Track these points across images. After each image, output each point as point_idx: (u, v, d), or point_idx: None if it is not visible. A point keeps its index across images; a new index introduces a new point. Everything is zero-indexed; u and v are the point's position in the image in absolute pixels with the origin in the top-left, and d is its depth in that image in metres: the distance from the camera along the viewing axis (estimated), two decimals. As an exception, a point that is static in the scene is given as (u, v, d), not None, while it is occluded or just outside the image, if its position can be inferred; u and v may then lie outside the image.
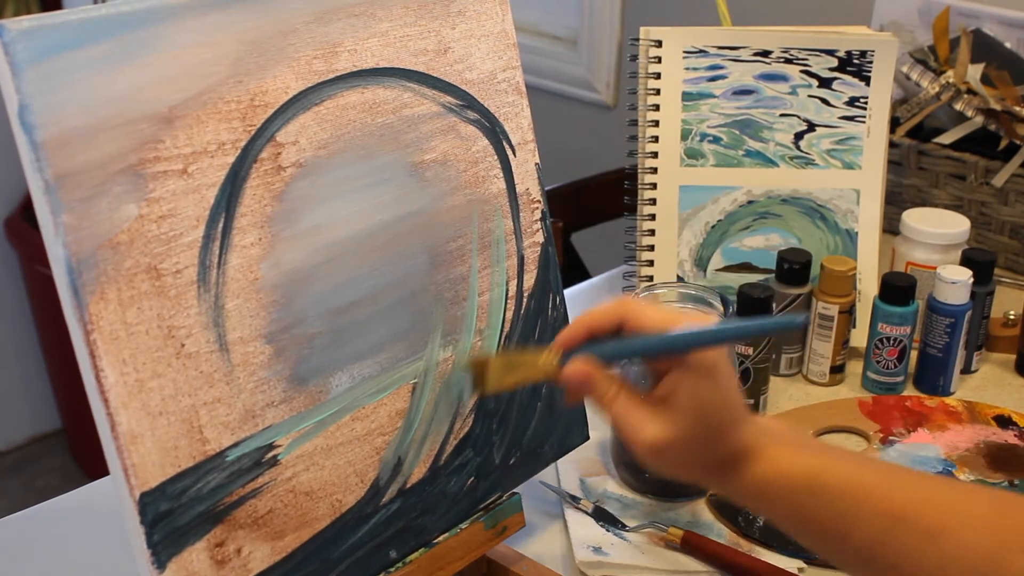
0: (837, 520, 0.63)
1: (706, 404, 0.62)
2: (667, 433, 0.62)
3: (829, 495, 0.63)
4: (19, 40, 0.52)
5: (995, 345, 1.17)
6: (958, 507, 0.63)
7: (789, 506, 0.64)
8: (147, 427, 0.57)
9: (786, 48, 1.13)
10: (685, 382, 0.62)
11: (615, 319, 0.63)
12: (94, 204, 0.55)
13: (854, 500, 0.63)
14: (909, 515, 0.62)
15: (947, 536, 0.61)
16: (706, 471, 0.65)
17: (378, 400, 0.68)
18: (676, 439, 0.62)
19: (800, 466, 0.64)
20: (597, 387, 0.63)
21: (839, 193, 1.14)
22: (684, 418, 0.62)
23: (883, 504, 0.62)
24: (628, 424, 0.63)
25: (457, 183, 0.72)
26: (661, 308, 0.63)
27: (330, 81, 0.65)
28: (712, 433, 0.63)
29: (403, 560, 0.71)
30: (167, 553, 0.58)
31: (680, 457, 0.64)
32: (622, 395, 0.63)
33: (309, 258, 0.64)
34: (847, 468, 0.64)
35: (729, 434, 0.63)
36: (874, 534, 0.62)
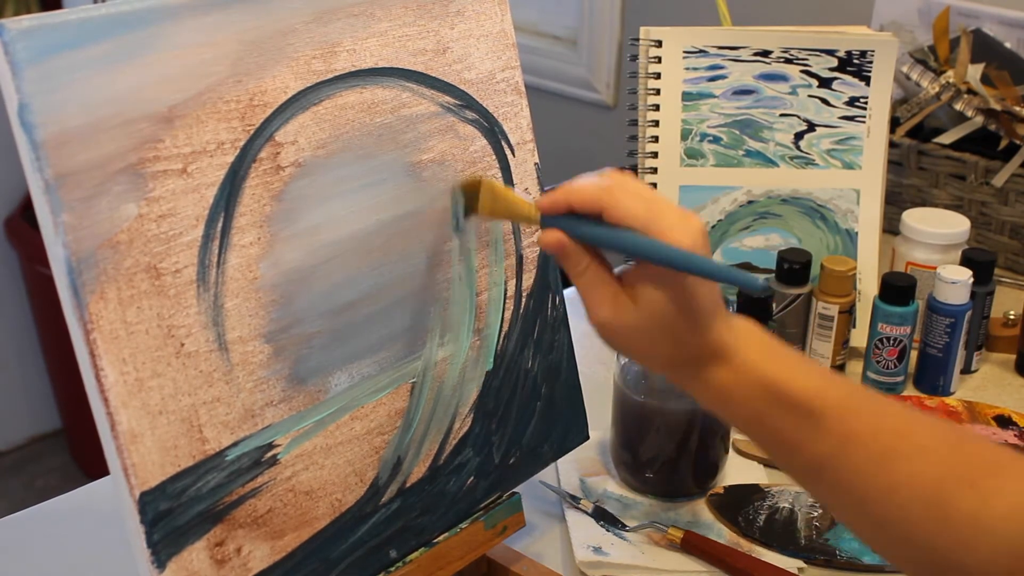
0: (791, 432, 0.63)
1: (663, 308, 0.63)
2: (620, 319, 0.64)
3: (787, 407, 0.63)
4: (19, 40, 0.52)
5: (995, 345, 1.17)
6: (913, 435, 0.63)
7: (747, 412, 0.65)
8: (147, 426, 0.57)
9: (786, 48, 1.13)
10: (647, 280, 0.64)
11: (594, 203, 0.64)
12: (94, 204, 0.55)
13: (810, 415, 0.63)
14: (862, 436, 0.63)
15: (897, 461, 0.62)
16: (664, 364, 0.66)
17: (377, 399, 0.69)
18: (628, 327, 0.65)
19: (765, 371, 0.64)
20: (569, 258, 0.66)
21: (839, 193, 1.14)
22: (639, 313, 0.64)
23: (839, 423, 0.63)
24: (588, 298, 0.66)
25: (456, 183, 0.72)
26: (642, 197, 0.63)
27: (329, 81, 0.65)
28: (670, 332, 0.64)
29: (403, 559, 0.71)
30: (167, 552, 0.58)
31: (633, 344, 0.66)
32: (591, 270, 0.65)
33: (308, 258, 0.64)
34: (810, 382, 0.64)
35: (693, 334, 0.64)
36: (825, 450, 0.63)
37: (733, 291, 1.05)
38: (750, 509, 0.90)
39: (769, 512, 0.90)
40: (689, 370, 0.65)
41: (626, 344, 0.66)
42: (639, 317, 0.64)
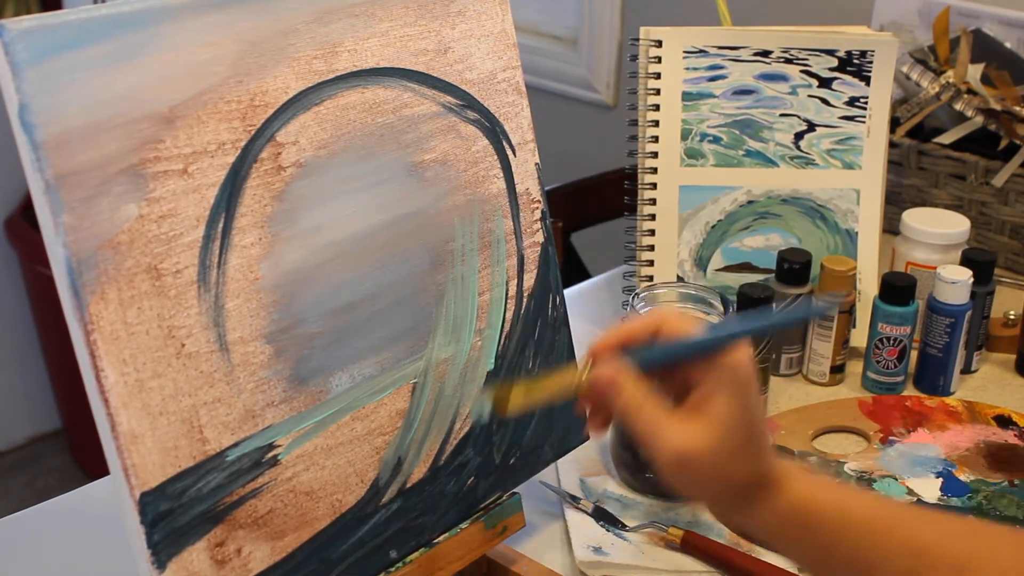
0: (864, 552, 0.61)
1: (742, 414, 0.60)
2: (697, 442, 0.60)
3: (856, 528, 0.61)
4: (19, 40, 0.52)
5: (995, 345, 1.17)
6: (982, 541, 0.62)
7: (815, 537, 0.62)
8: (147, 427, 0.57)
9: (786, 48, 1.13)
10: (721, 391, 0.60)
11: (649, 329, 0.62)
12: (94, 204, 0.55)
13: (882, 532, 0.61)
14: (935, 549, 0.61)
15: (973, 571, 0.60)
16: (730, 492, 0.62)
17: (378, 400, 0.69)
18: (706, 449, 0.60)
19: (826, 498, 0.62)
20: (624, 391, 0.61)
21: (839, 193, 1.14)
22: (718, 427, 0.60)
23: (910, 536, 0.61)
24: (654, 430, 0.60)
25: (457, 183, 0.72)
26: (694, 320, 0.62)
27: (330, 81, 0.65)
28: (744, 448, 0.61)
29: (403, 560, 0.71)
30: (167, 553, 0.58)
31: (706, 470, 0.61)
32: (650, 402, 0.60)
33: (309, 258, 0.64)
34: (870, 502, 0.63)
35: (757, 453, 0.61)
36: (902, 567, 0.60)
37: (733, 291, 1.05)
38: (750, 509, 0.90)
39: (769, 512, 0.90)
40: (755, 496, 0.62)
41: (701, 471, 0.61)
42: (718, 434, 0.60)
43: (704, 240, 1.13)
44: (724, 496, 0.63)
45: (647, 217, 1.13)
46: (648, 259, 1.13)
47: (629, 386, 0.61)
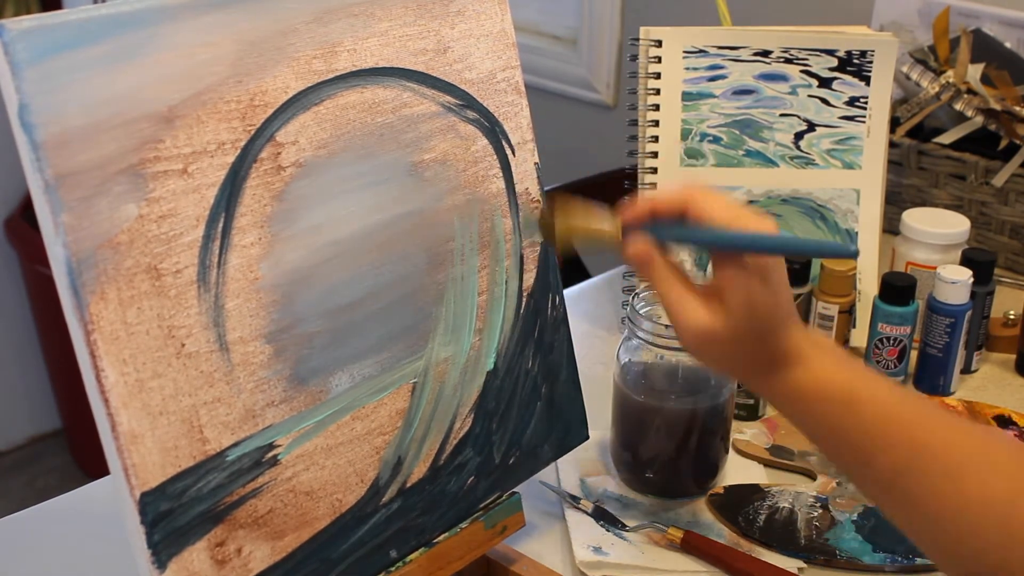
0: (866, 440, 0.64)
1: (756, 304, 0.64)
2: (714, 324, 0.64)
3: (863, 413, 0.64)
4: (19, 40, 0.52)
5: (995, 345, 1.17)
6: (984, 449, 0.63)
7: (823, 417, 0.65)
8: (147, 427, 0.57)
9: (786, 48, 1.13)
10: (738, 280, 0.64)
11: (678, 205, 0.65)
12: (94, 204, 0.55)
13: (886, 422, 0.63)
14: (936, 449, 0.62)
15: (970, 477, 0.61)
16: (747, 369, 0.67)
17: (378, 400, 0.69)
18: (721, 332, 0.65)
19: (841, 379, 0.65)
20: (655, 269, 0.66)
21: (839, 193, 1.14)
22: (732, 314, 0.64)
23: (913, 432, 0.63)
24: (678, 309, 0.66)
25: (457, 183, 0.72)
26: (726, 202, 0.65)
27: (330, 81, 0.65)
28: (758, 333, 0.64)
29: (403, 559, 0.71)
30: (168, 553, 0.58)
31: (723, 351, 0.66)
32: (677, 280, 0.66)
33: (309, 258, 0.64)
34: (885, 392, 0.65)
35: (775, 336, 0.65)
36: (899, 461, 0.63)
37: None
38: (750, 509, 0.90)
39: (769, 512, 0.90)
40: (772, 372, 0.66)
41: (718, 351, 0.66)
42: (733, 320, 0.64)
43: (704, 240, 1.13)
44: (740, 371, 0.68)
45: (647, 217, 1.12)
46: (648, 259, 1.13)
47: (658, 264, 0.66)
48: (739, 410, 1.02)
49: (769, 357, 0.65)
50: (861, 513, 0.90)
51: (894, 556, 0.86)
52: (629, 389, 0.91)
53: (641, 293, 0.92)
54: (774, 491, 0.93)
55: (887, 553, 0.86)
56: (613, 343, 1.15)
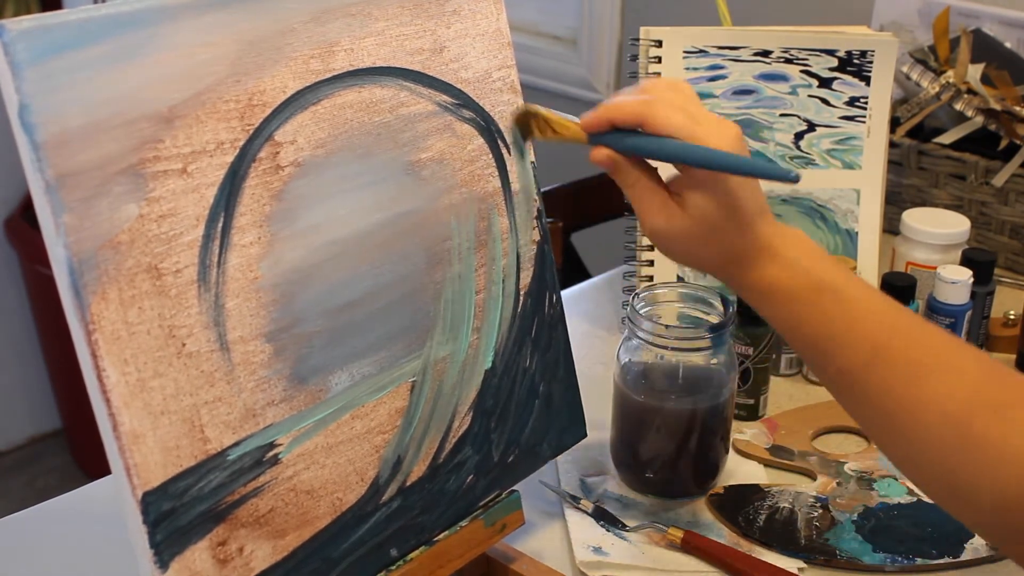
0: (826, 340, 0.65)
1: (709, 211, 0.67)
2: (671, 224, 0.68)
3: (828, 309, 0.65)
4: (19, 40, 0.52)
5: (995, 345, 1.17)
6: (947, 354, 0.64)
7: (789, 311, 0.67)
8: (149, 427, 0.57)
9: (786, 48, 1.13)
10: (692, 186, 0.67)
11: (634, 117, 0.68)
12: (95, 204, 0.55)
13: (850, 319, 0.65)
14: (897, 347, 0.64)
15: (930, 376, 0.62)
16: (713, 264, 0.69)
17: (378, 398, 0.69)
18: (679, 232, 0.68)
19: (808, 273, 0.66)
20: (620, 171, 0.70)
21: (839, 193, 1.14)
22: (687, 217, 0.68)
23: (876, 330, 0.64)
24: (640, 207, 0.70)
25: (453, 181, 0.72)
26: (681, 108, 0.67)
27: (327, 80, 0.65)
28: (716, 234, 0.67)
29: (403, 558, 0.71)
30: (170, 552, 0.58)
31: (684, 248, 0.69)
32: (641, 181, 0.70)
33: (308, 257, 0.64)
34: (853, 289, 0.66)
35: (739, 234, 0.67)
36: (859, 357, 0.64)
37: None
38: (750, 509, 0.90)
39: (769, 512, 0.90)
40: (737, 268, 0.68)
41: (678, 248, 0.69)
42: (688, 222, 0.67)
43: (704, 240, 1.13)
44: (707, 267, 0.70)
45: (647, 217, 1.13)
46: (648, 259, 1.13)
47: (622, 166, 0.70)
48: (739, 410, 1.02)
49: (735, 254, 0.67)
50: (861, 513, 0.90)
51: (894, 556, 0.86)
52: (629, 389, 0.91)
53: (641, 293, 0.92)
54: (774, 491, 0.93)
55: (887, 553, 0.86)
56: (613, 343, 1.15)
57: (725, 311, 0.89)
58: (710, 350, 0.89)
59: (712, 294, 0.92)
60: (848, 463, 0.96)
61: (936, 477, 0.62)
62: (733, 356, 0.91)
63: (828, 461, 0.97)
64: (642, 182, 0.70)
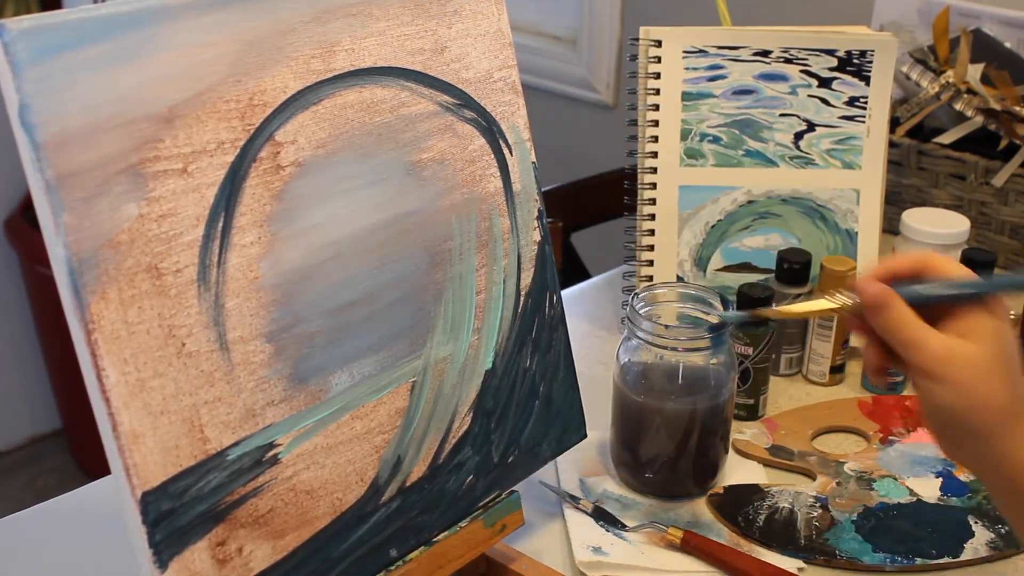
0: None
1: (1002, 344, 0.63)
2: (962, 349, 0.63)
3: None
4: (19, 40, 0.52)
5: (995, 345, 1.17)
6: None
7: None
8: (148, 426, 0.57)
9: (786, 48, 1.13)
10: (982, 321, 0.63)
11: (916, 266, 0.66)
12: (95, 204, 0.55)
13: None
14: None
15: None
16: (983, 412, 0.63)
17: (378, 399, 0.69)
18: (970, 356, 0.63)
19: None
20: (892, 308, 0.65)
21: (839, 193, 1.14)
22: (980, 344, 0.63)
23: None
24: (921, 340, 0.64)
25: (454, 182, 0.72)
26: (960, 265, 0.66)
27: (328, 80, 0.65)
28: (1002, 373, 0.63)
29: (403, 558, 0.71)
30: (169, 552, 0.58)
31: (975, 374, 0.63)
32: (916, 319, 0.65)
33: (308, 257, 0.64)
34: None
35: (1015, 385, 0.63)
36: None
37: (732, 291, 1.05)
38: (750, 509, 0.90)
39: (769, 512, 0.90)
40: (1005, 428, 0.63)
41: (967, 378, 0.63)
42: (981, 349, 0.63)
43: (704, 240, 1.13)
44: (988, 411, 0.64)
45: (647, 217, 1.13)
46: (648, 259, 1.13)
47: (896, 304, 0.65)
48: (739, 410, 1.02)
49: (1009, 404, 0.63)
50: (861, 513, 0.90)
51: (894, 556, 0.86)
52: (629, 389, 0.91)
53: (641, 293, 0.92)
54: (774, 491, 0.93)
55: (887, 553, 0.86)
56: (613, 343, 1.15)
57: (724, 310, 0.89)
58: (710, 350, 0.89)
59: (712, 294, 0.92)
60: (848, 463, 0.96)
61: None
62: (733, 356, 0.91)
63: (828, 461, 0.97)
64: (913, 315, 0.65)
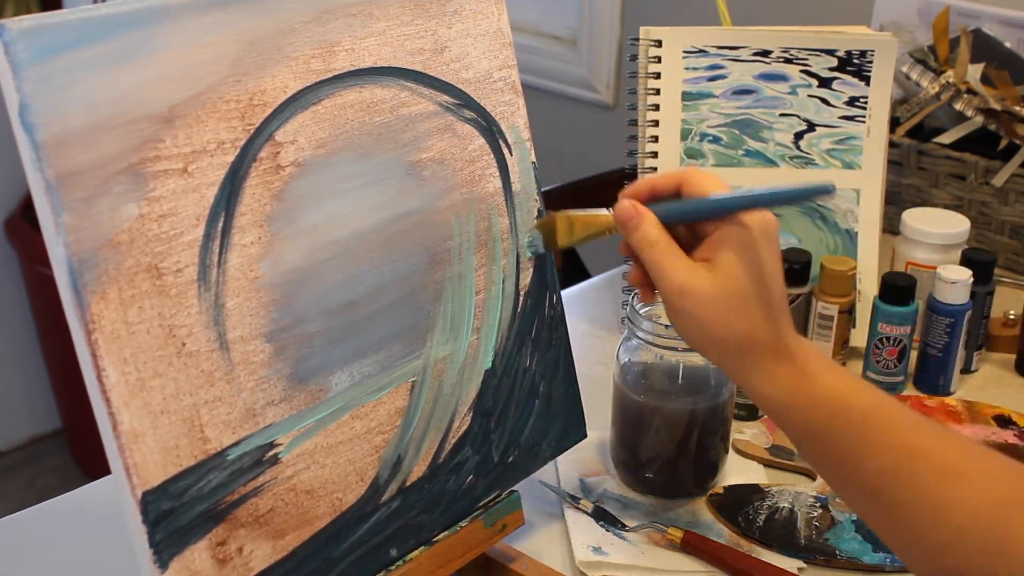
0: (857, 445, 0.62)
1: (750, 269, 0.63)
2: (701, 281, 0.64)
3: (854, 419, 0.63)
4: (19, 40, 0.52)
5: (995, 345, 1.17)
6: (975, 455, 0.62)
7: (809, 422, 0.64)
8: (149, 426, 0.57)
9: (786, 48, 1.13)
10: (730, 244, 0.64)
11: (674, 182, 0.67)
12: (95, 204, 0.55)
13: (878, 428, 0.62)
14: (928, 452, 0.61)
15: (961, 479, 0.60)
16: (729, 344, 0.65)
17: (378, 398, 0.69)
18: (708, 290, 0.63)
19: (830, 385, 0.64)
20: (642, 226, 0.66)
21: (839, 193, 1.14)
22: (717, 279, 0.63)
23: (905, 436, 0.62)
24: (665, 265, 0.65)
25: (454, 182, 0.72)
26: (721, 181, 0.66)
27: (328, 80, 0.65)
28: (748, 303, 0.63)
29: (403, 558, 0.71)
30: (169, 552, 0.58)
31: (706, 312, 0.64)
32: (664, 240, 0.65)
33: (308, 257, 0.64)
34: (874, 397, 0.64)
35: (767, 317, 0.64)
36: (890, 464, 0.62)
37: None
38: (750, 509, 0.90)
39: (769, 512, 0.90)
40: (758, 359, 0.64)
41: (702, 313, 0.64)
42: (717, 283, 0.63)
43: (704, 240, 1.13)
44: (724, 347, 0.65)
45: (647, 217, 1.13)
46: (648, 259, 1.13)
47: (646, 222, 0.66)
48: (739, 410, 1.02)
49: (760, 338, 0.64)
50: (861, 512, 0.90)
51: (894, 556, 0.86)
52: (629, 389, 0.91)
53: (641, 293, 0.92)
54: (774, 491, 0.93)
55: (887, 553, 0.86)
56: (613, 343, 1.15)
57: None
58: (710, 350, 0.89)
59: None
60: (848, 463, 0.96)
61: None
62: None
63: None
64: (665, 239, 0.66)
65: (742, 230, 0.64)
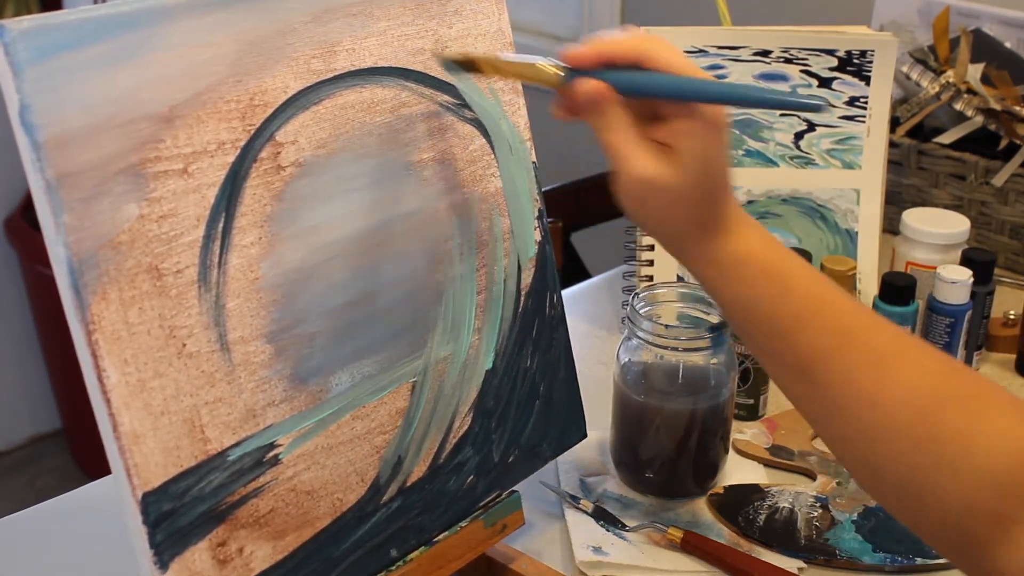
0: (792, 320, 0.62)
1: (711, 160, 0.61)
2: (662, 173, 0.61)
3: (793, 293, 0.62)
4: (19, 40, 0.52)
5: (995, 345, 1.17)
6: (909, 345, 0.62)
7: (751, 290, 0.63)
8: (149, 427, 0.57)
9: (786, 48, 1.13)
10: (693, 132, 0.61)
11: (633, 53, 0.61)
12: (95, 204, 0.55)
13: (815, 305, 0.62)
14: (862, 334, 0.61)
15: (894, 365, 0.60)
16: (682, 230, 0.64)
17: (378, 399, 0.69)
18: (669, 182, 0.61)
19: (773, 257, 0.63)
20: (605, 110, 0.62)
21: (839, 193, 1.14)
22: (685, 166, 0.61)
23: (841, 317, 0.62)
24: (625, 154, 0.62)
25: (455, 182, 0.72)
26: (678, 51, 0.61)
27: (328, 80, 0.65)
28: (705, 191, 0.62)
29: (403, 558, 0.71)
30: (170, 553, 0.58)
31: (664, 204, 0.62)
32: (625, 121, 0.62)
33: (309, 257, 0.64)
34: (813, 276, 0.64)
35: (720, 198, 0.63)
36: (823, 342, 0.61)
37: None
38: (750, 509, 0.90)
39: (769, 512, 0.90)
40: (703, 238, 0.63)
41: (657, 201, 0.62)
42: (678, 171, 0.61)
43: (704, 240, 1.13)
44: (676, 233, 0.64)
45: (647, 217, 1.13)
46: (648, 259, 1.13)
47: (611, 106, 0.61)
48: (739, 410, 1.02)
49: (708, 220, 0.63)
50: (861, 513, 0.90)
51: (894, 556, 0.86)
52: (629, 389, 0.91)
53: (641, 293, 0.92)
54: (774, 491, 0.93)
55: (887, 553, 0.86)
56: (613, 343, 1.15)
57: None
58: (710, 350, 0.89)
59: (712, 294, 0.92)
60: (848, 463, 0.96)
61: (896, 476, 0.59)
62: (733, 356, 0.91)
63: (828, 461, 0.97)
64: (626, 123, 0.62)
65: (709, 125, 0.61)
